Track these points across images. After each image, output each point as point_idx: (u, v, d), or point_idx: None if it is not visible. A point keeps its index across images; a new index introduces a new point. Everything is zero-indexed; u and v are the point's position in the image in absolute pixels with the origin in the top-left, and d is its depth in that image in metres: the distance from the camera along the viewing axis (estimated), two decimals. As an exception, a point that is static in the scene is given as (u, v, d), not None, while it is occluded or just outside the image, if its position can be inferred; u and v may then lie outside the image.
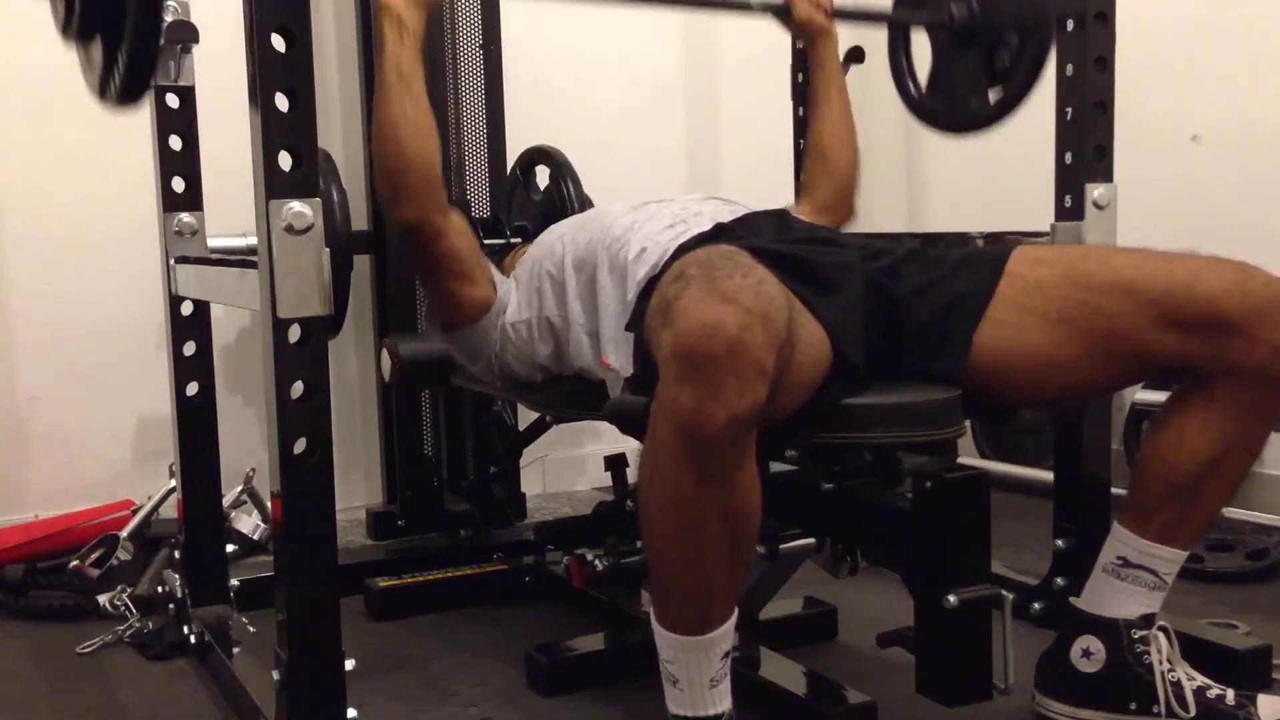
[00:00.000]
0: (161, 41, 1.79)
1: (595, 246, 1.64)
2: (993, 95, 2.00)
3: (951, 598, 1.35)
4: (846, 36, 2.13)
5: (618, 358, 1.55)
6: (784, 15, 2.05)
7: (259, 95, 1.29)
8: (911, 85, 2.17)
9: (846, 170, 2.06)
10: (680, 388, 1.17)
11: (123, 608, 2.10)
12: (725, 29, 3.21)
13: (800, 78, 2.39)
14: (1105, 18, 1.83)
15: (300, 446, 1.34)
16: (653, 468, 1.24)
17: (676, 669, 1.32)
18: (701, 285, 1.20)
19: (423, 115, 1.64)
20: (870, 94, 2.30)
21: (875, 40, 2.29)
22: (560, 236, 1.73)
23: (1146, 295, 1.42)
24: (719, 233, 1.58)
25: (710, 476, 1.20)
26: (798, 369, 1.26)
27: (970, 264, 1.54)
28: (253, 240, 1.36)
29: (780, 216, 1.70)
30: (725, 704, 1.33)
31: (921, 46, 2.14)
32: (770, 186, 2.10)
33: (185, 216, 1.92)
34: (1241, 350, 1.39)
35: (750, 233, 1.58)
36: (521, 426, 2.45)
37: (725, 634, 1.31)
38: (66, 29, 1.46)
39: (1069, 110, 1.86)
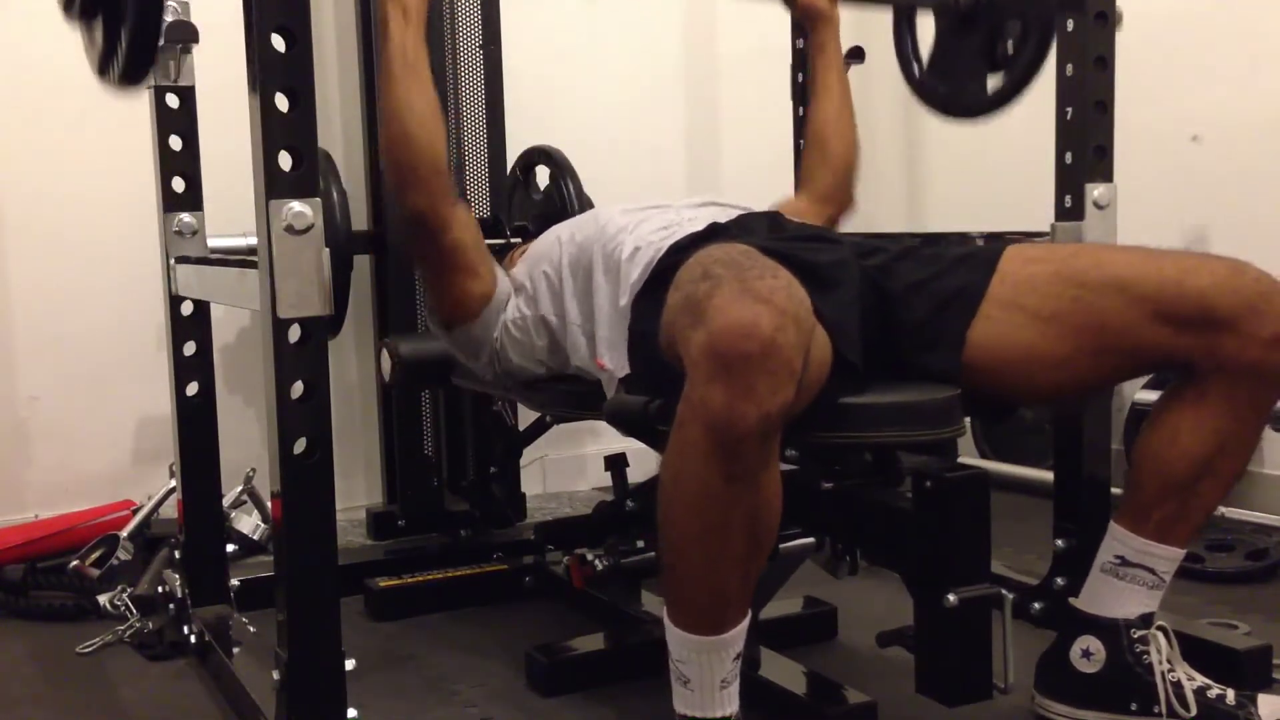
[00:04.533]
0: (162, 39, 1.80)
1: (591, 246, 1.64)
2: (993, 83, 1.99)
3: (951, 597, 1.35)
4: (851, 17, 2.11)
5: (612, 358, 1.55)
6: None
7: (259, 95, 1.29)
8: (915, 65, 2.17)
9: (845, 158, 2.05)
10: (711, 387, 1.16)
11: (123, 608, 2.10)
12: (725, 29, 3.21)
13: (800, 78, 2.39)
14: (1105, 17, 1.83)
15: (300, 446, 1.34)
16: (679, 467, 1.23)
17: (688, 669, 1.32)
18: (734, 285, 1.19)
19: (429, 103, 1.61)
20: (871, 94, 2.30)
21: (877, 40, 2.30)
22: (557, 238, 1.73)
23: (1138, 292, 1.42)
24: (712, 233, 1.58)
25: (738, 477, 1.20)
26: (809, 368, 1.26)
27: (964, 261, 1.54)
28: (253, 240, 1.36)
29: (772, 217, 1.70)
30: (733, 706, 1.33)
31: (927, 29, 2.14)
32: (771, 186, 2.09)
33: (185, 216, 1.93)
34: (1233, 346, 1.39)
35: (744, 233, 1.58)
36: (521, 426, 2.45)
37: (739, 635, 1.31)
38: (69, 8, 1.45)
39: (1069, 110, 1.86)
